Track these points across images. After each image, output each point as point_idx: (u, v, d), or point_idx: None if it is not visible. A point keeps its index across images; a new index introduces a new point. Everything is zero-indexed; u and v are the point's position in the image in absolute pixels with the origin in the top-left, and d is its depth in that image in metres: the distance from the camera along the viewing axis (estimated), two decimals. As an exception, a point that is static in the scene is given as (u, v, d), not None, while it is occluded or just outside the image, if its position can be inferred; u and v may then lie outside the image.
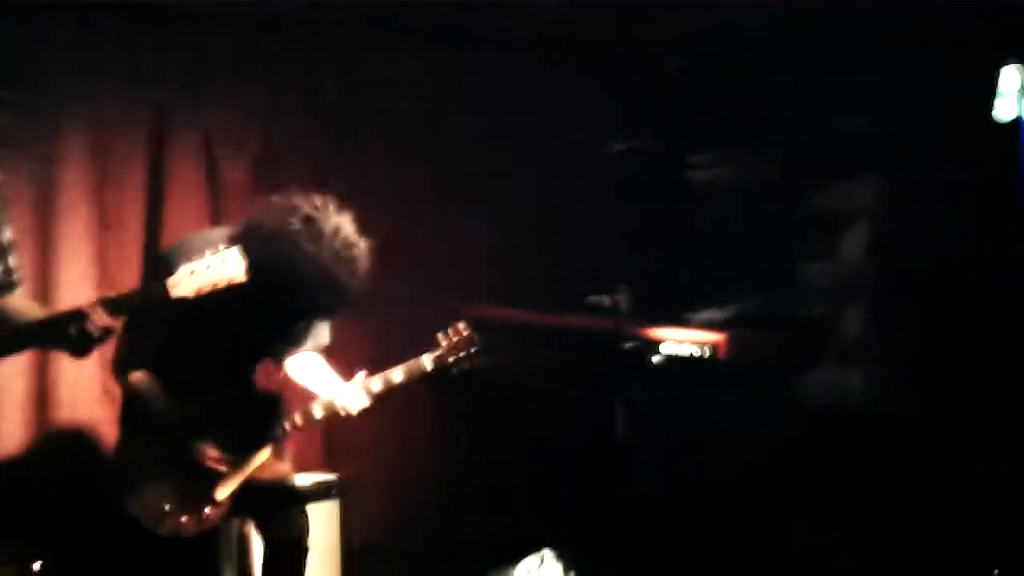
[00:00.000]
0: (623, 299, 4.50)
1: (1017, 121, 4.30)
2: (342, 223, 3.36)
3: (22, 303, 3.25)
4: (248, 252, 3.16)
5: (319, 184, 3.54)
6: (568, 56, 5.18)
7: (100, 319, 2.99)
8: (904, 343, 4.60)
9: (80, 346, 3.03)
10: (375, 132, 4.85)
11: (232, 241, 3.29)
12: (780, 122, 4.98)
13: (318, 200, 3.37)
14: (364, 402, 3.76)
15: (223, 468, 3.57)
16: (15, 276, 3.23)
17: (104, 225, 4.29)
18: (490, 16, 4.82)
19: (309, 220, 3.30)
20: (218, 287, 3.06)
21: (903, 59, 4.56)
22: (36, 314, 3.17)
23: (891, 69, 4.62)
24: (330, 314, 3.48)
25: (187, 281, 3.04)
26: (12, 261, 3.23)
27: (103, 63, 4.26)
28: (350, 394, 3.74)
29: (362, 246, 3.37)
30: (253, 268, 3.15)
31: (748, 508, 4.54)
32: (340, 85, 4.76)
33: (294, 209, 3.32)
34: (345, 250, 3.32)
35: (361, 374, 3.79)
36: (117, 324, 3.05)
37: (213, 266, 3.05)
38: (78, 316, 2.99)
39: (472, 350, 3.90)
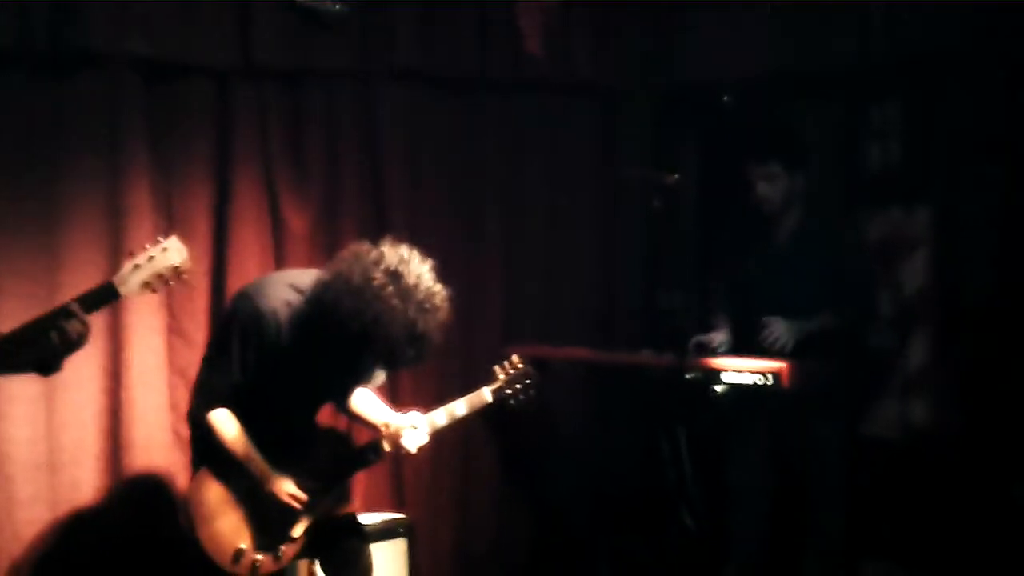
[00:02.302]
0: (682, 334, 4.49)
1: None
2: (424, 273, 3.40)
3: None
4: (334, 303, 3.25)
5: (380, 229, 3.58)
6: (600, 94, 5.32)
7: (82, 317, 3.00)
8: (964, 371, 4.57)
9: (62, 352, 3.04)
10: (429, 174, 4.94)
11: (317, 289, 3.39)
12: (829, 149, 5.01)
13: (402, 249, 3.43)
14: (423, 439, 3.79)
15: (298, 505, 3.61)
16: None
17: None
18: (518, 62, 4.97)
19: (395, 274, 3.34)
20: (164, 277, 3.10)
21: (956, 89, 4.56)
22: None
23: (943, 96, 4.63)
24: (415, 363, 3.50)
25: (132, 277, 3.08)
26: None
27: (168, 116, 4.35)
28: (408, 431, 3.77)
29: (443, 294, 3.42)
30: (339, 320, 3.25)
31: (817, 538, 4.51)
32: (396, 133, 4.85)
33: (379, 260, 3.37)
34: (428, 301, 3.36)
35: (415, 413, 3.83)
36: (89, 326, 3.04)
37: (156, 257, 3.10)
38: (65, 314, 2.99)
39: (528, 382, 3.95)
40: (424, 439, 3.79)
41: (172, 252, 3.12)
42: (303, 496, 3.60)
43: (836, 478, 4.47)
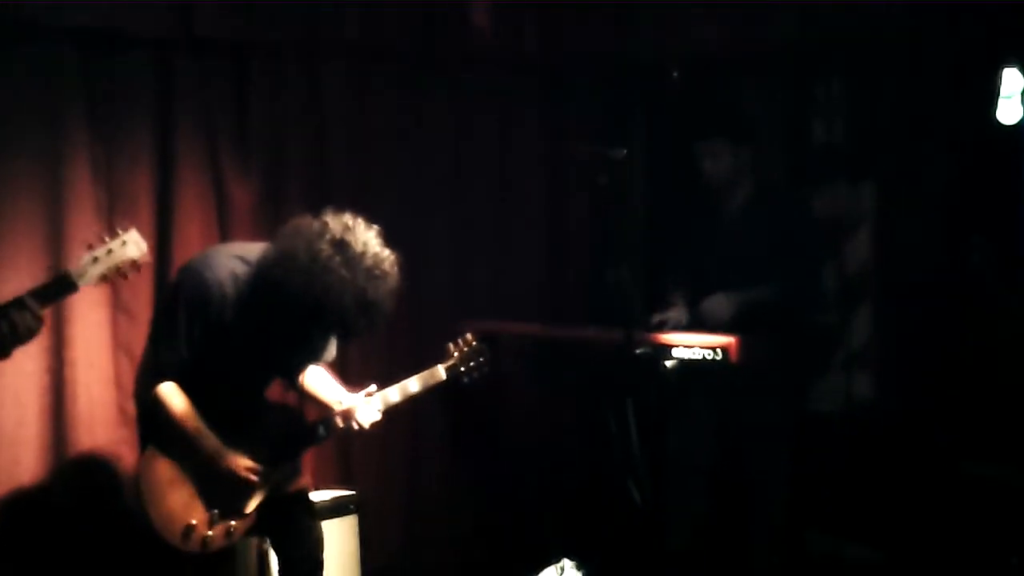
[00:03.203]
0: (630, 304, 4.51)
1: (1021, 124, 4.33)
2: (370, 240, 3.37)
3: None
4: (282, 279, 3.22)
5: (325, 204, 3.55)
6: (547, 71, 5.31)
7: (35, 311, 3.01)
8: (909, 345, 4.63)
9: (10, 343, 3.04)
10: (375, 150, 4.90)
11: (263, 264, 3.35)
12: (776, 126, 5.04)
13: (347, 218, 3.39)
14: (376, 416, 3.77)
15: (255, 478, 3.57)
16: None
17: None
18: (465, 37, 4.94)
19: (341, 243, 3.31)
20: (122, 270, 3.13)
21: (905, 63, 4.60)
22: None
23: (889, 73, 4.66)
24: (368, 331, 3.46)
25: (91, 269, 3.10)
26: None
27: (108, 89, 4.27)
28: (362, 407, 3.75)
29: (391, 259, 3.40)
30: (288, 295, 3.22)
31: (761, 513, 4.55)
32: (341, 108, 4.81)
33: (324, 231, 3.34)
34: (377, 267, 3.34)
35: (372, 387, 3.80)
36: (43, 320, 3.06)
37: (115, 250, 3.12)
38: (18, 305, 3.00)
39: (482, 359, 3.96)
40: (376, 415, 3.77)
41: (131, 246, 3.15)
42: (258, 467, 3.56)
43: (777, 453, 4.49)
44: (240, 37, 4.49)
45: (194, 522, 3.52)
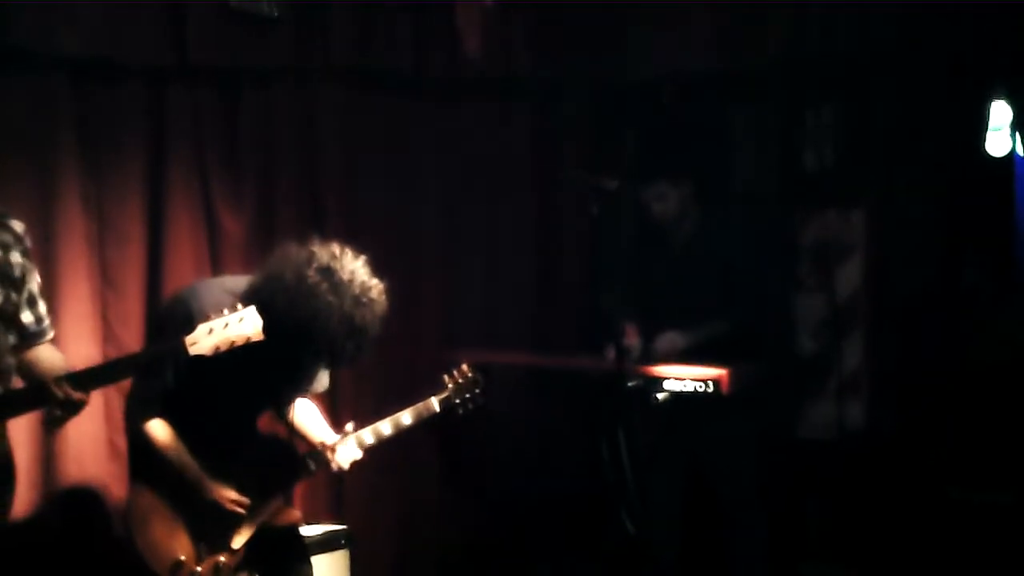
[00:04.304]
0: (623, 338, 4.50)
1: (1011, 156, 4.36)
2: (357, 268, 3.39)
3: (50, 353, 3.30)
4: (269, 306, 3.21)
5: (317, 232, 3.55)
6: (539, 95, 5.32)
7: (67, 392, 3.01)
8: (899, 372, 4.64)
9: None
10: (367, 176, 4.89)
11: (250, 293, 3.35)
12: (763, 155, 5.05)
13: (333, 246, 3.40)
14: (356, 455, 3.77)
15: (241, 511, 3.56)
16: (45, 324, 3.28)
17: (106, 282, 4.27)
18: (455, 64, 4.96)
19: (328, 270, 3.33)
20: (235, 344, 3.11)
21: (893, 92, 4.61)
22: (60, 366, 3.20)
23: (880, 100, 4.67)
24: (353, 361, 3.47)
25: (205, 339, 3.10)
26: (42, 310, 3.28)
27: (100, 118, 4.25)
28: (341, 448, 3.75)
29: (379, 287, 3.41)
30: (275, 321, 3.21)
31: (751, 544, 4.55)
32: (333, 135, 4.80)
33: (311, 259, 3.34)
34: (364, 295, 3.35)
35: (349, 426, 3.80)
36: (87, 398, 3.07)
37: (231, 324, 3.11)
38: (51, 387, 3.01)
39: (477, 391, 3.96)
40: (357, 454, 3.77)
41: (248, 323, 3.13)
42: (245, 500, 3.55)
43: (749, 479, 4.52)
44: (231, 65, 4.48)
45: (182, 557, 3.51)
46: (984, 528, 4.28)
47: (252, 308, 3.13)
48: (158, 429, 3.49)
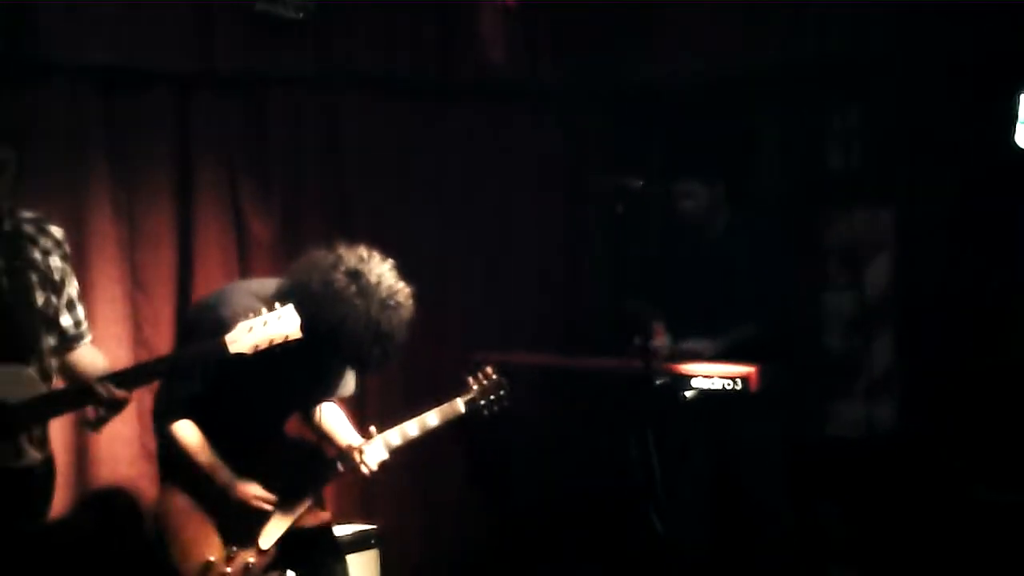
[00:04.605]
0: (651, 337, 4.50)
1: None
2: (385, 272, 3.40)
3: (90, 354, 3.37)
4: (296, 308, 3.23)
5: (344, 236, 3.58)
6: (563, 99, 5.33)
7: (111, 392, 3.08)
8: (928, 370, 4.61)
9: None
10: (393, 180, 4.93)
11: (278, 297, 3.34)
12: (790, 155, 5.05)
13: (361, 250, 3.42)
14: (383, 456, 3.77)
15: (269, 507, 3.57)
16: (83, 328, 3.35)
17: (136, 285, 4.32)
18: (476, 68, 4.97)
19: (355, 274, 3.34)
20: (274, 343, 3.15)
21: (920, 88, 4.60)
22: (101, 366, 3.28)
23: (906, 99, 4.66)
24: (381, 365, 3.48)
25: (245, 338, 3.15)
26: (80, 313, 3.34)
27: (129, 125, 4.31)
28: (368, 450, 3.75)
29: (406, 291, 3.42)
30: (303, 325, 3.23)
31: (780, 543, 4.53)
32: (358, 140, 4.84)
33: (338, 263, 3.36)
34: (391, 298, 3.36)
35: (373, 429, 3.80)
36: (129, 396, 3.14)
37: (270, 323, 3.15)
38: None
39: (502, 392, 3.96)
40: (383, 455, 3.77)
41: (286, 321, 3.17)
42: (272, 497, 3.56)
43: (778, 478, 4.51)
44: (258, 72, 4.52)
45: (212, 558, 3.53)
46: (1013, 529, 4.23)
47: (290, 306, 3.16)
48: (185, 430, 3.52)
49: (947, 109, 4.54)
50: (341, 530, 4.35)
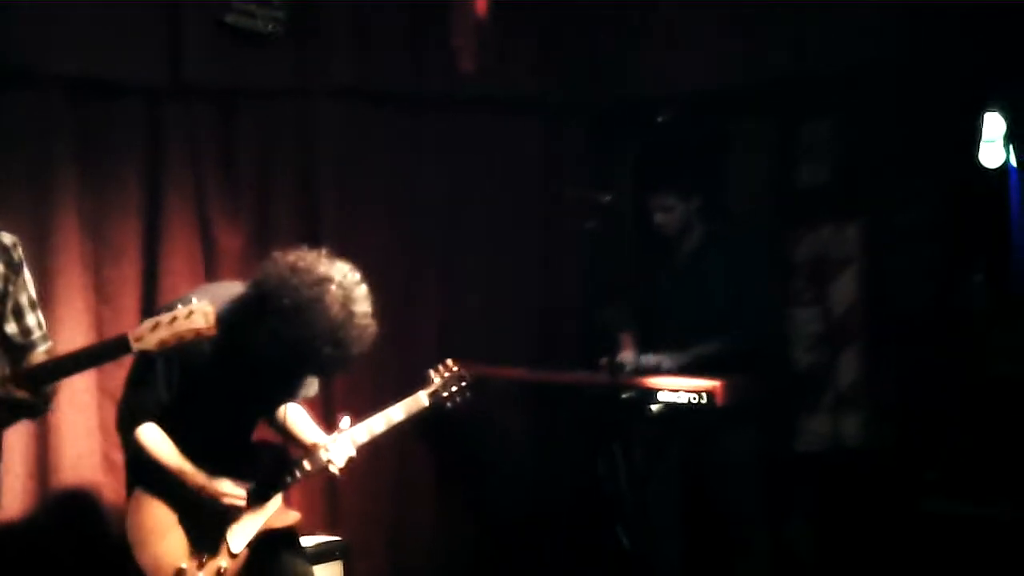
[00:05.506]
0: (617, 351, 4.52)
1: (1005, 167, 4.36)
2: (347, 276, 3.39)
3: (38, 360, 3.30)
4: (258, 312, 3.22)
5: (313, 244, 3.57)
6: (539, 111, 5.33)
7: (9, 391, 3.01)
8: (895, 386, 4.63)
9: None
10: (365, 191, 4.92)
11: (245, 300, 3.36)
12: (759, 170, 5.07)
13: (323, 256, 3.41)
14: (350, 452, 3.75)
15: (241, 503, 3.55)
16: (35, 336, 3.30)
17: (101, 299, 4.31)
18: (451, 81, 4.96)
19: (320, 280, 3.33)
20: (184, 340, 3.04)
21: (887, 106, 4.63)
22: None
23: (875, 114, 4.69)
24: (342, 369, 3.49)
25: (150, 335, 3.02)
26: (31, 321, 3.29)
27: (97, 135, 4.29)
28: (334, 446, 3.73)
29: (368, 297, 3.41)
30: (265, 327, 3.23)
31: (750, 558, 4.54)
32: (331, 151, 4.83)
33: (303, 269, 3.35)
34: (354, 304, 3.35)
35: (345, 420, 3.78)
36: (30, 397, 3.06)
37: (179, 319, 3.03)
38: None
39: (464, 383, 3.98)
40: (351, 452, 3.75)
41: (198, 316, 3.05)
42: (241, 492, 3.55)
43: (747, 492, 4.53)
44: (228, 83, 4.52)
45: (184, 566, 3.51)
46: (981, 542, 4.25)
47: (205, 302, 3.08)
48: (150, 434, 3.49)
49: (914, 126, 4.57)
50: (306, 541, 4.32)
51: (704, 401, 4.15)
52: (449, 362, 4.00)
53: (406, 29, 4.90)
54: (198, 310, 3.04)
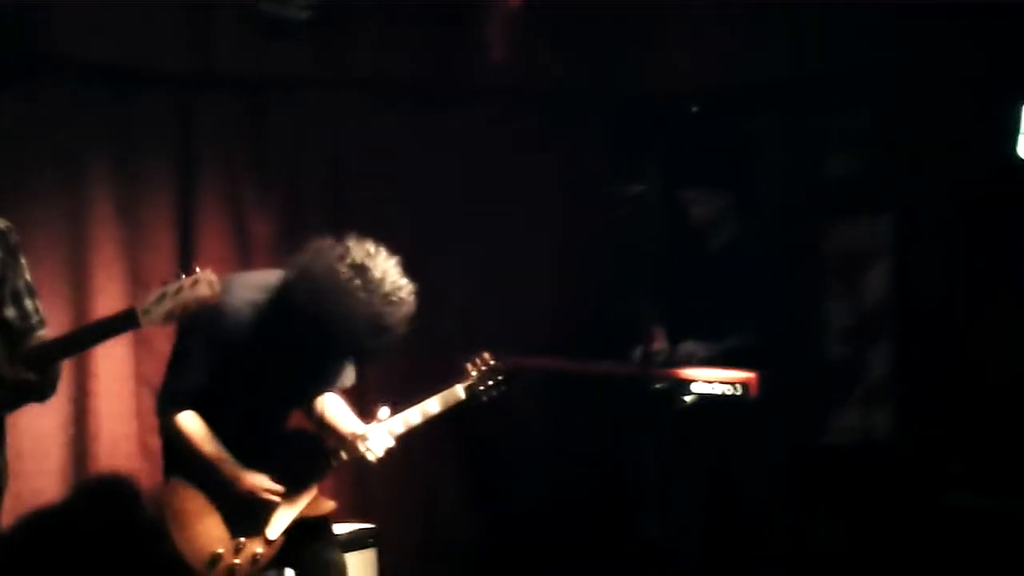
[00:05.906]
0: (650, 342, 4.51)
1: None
2: (389, 266, 3.40)
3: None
4: (300, 300, 3.23)
5: (342, 231, 3.58)
6: (564, 103, 5.31)
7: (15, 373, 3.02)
8: (926, 379, 4.63)
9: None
10: (391, 180, 4.93)
11: (281, 288, 3.36)
12: (790, 163, 5.06)
13: (367, 244, 3.42)
14: (389, 442, 3.75)
15: (276, 499, 3.57)
16: (34, 320, 3.28)
17: (137, 284, 4.31)
18: (478, 71, 4.95)
19: (360, 268, 3.34)
20: (188, 308, 3.06)
21: (921, 97, 4.62)
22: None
23: (907, 107, 4.68)
24: (381, 357, 3.51)
25: (157, 307, 3.05)
26: (29, 306, 3.28)
27: (130, 124, 4.31)
28: (373, 436, 3.73)
29: (409, 287, 3.42)
30: (305, 315, 3.24)
31: (775, 550, 4.54)
32: (359, 141, 4.85)
33: (344, 255, 3.36)
34: (395, 293, 3.36)
35: (384, 411, 3.77)
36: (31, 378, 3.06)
37: (184, 289, 3.05)
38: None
39: (500, 377, 3.98)
40: (389, 442, 3.75)
41: (203, 285, 3.06)
42: (279, 488, 3.56)
43: (775, 485, 4.53)
44: (259, 72, 4.52)
45: (220, 550, 3.52)
46: (1006, 537, 4.25)
47: (208, 271, 3.10)
48: (189, 421, 3.51)
49: (948, 118, 4.55)
50: (338, 529, 4.34)
51: (739, 393, 4.14)
52: (486, 355, 3.99)
53: (434, 20, 4.89)
54: (203, 279, 3.07)
